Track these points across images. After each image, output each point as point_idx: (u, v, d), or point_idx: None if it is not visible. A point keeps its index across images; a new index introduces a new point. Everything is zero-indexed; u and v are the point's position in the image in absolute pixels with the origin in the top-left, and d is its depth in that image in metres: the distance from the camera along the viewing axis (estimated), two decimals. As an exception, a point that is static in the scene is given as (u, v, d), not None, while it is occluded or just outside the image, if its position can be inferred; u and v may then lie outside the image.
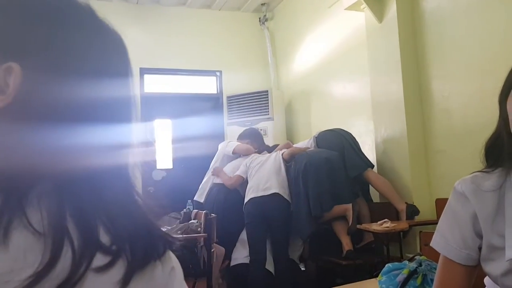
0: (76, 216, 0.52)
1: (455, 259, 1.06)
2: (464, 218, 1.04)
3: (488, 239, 1.01)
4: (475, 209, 1.02)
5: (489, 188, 1.01)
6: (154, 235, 0.61)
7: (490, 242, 1.00)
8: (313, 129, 4.94)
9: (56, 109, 0.54)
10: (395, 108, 3.50)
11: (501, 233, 0.98)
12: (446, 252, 1.08)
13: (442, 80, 3.27)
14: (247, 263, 3.67)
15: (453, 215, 1.08)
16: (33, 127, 0.52)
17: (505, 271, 0.96)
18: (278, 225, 3.64)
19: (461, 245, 1.05)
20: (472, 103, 2.97)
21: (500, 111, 1.02)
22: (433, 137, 3.36)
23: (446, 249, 1.08)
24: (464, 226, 1.05)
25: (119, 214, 0.56)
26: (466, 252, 1.04)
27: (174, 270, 0.64)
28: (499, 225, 0.98)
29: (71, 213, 0.52)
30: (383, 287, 1.82)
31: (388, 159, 3.66)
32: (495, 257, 0.99)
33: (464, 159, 2.94)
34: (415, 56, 3.48)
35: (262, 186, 3.71)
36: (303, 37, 5.27)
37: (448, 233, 1.08)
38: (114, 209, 0.56)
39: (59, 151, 0.53)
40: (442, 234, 1.10)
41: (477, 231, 1.03)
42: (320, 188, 3.53)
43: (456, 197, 1.07)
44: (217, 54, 5.82)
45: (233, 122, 5.48)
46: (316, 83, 4.99)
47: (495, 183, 1.00)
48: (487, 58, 2.84)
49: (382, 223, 3.09)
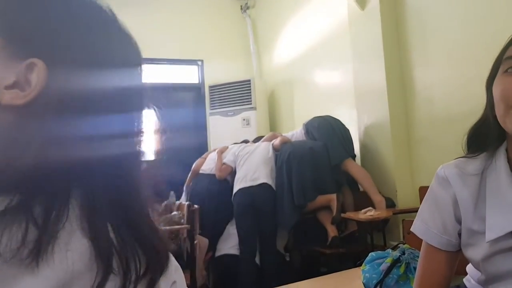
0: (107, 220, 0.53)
1: (435, 245, 1.06)
2: (444, 203, 1.05)
3: (468, 224, 1.00)
4: (456, 193, 1.02)
5: (472, 172, 1.01)
6: (159, 249, 0.59)
7: (471, 227, 1.00)
8: (296, 118, 4.92)
9: (84, 103, 0.53)
10: (378, 96, 3.49)
11: (482, 217, 0.97)
12: (427, 238, 1.08)
13: (425, 68, 3.26)
14: (232, 253, 3.65)
15: (434, 200, 1.08)
16: (62, 122, 0.51)
17: (486, 255, 0.96)
18: (266, 215, 3.61)
19: (441, 230, 1.05)
20: (454, 91, 2.98)
21: (487, 96, 1.00)
22: (416, 125, 3.36)
23: (426, 235, 1.08)
24: (444, 211, 1.05)
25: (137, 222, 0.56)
26: (446, 238, 1.05)
27: (175, 285, 0.62)
28: (481, 209, 0.98)
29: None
30: (366, 276, 1.82)
31: (371, 147, 3.66)
32: (476, 241, 0.99)
33: (446, 147, 2.93)
34: (398, 44, 3.47)
35: (251, 176, 3.67)
36: (285, 25, 5.23)
37: (428, 218, 1.08)
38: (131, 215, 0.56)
39: (88, 146, 0.53)
40: (422, 219, 1.10)
41: (457, 216, 1.03)
42: (303, 178, 3.51)
43: (438, 182, 1.07)
44: (198, 43, 5.75)
45: (216, 112, 5.43)
46: (299, 72, 4.96)
47: (478, 167, 1.00)
48: (469, 46, 2.84)
49: (366, 211, 3.10)
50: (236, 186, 3.72)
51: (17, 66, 0.50)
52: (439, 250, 1.06)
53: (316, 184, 3.53)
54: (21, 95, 0.50)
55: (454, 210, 1.03)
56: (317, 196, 3.50)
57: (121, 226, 0.54)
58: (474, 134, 1.04)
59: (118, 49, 0.60)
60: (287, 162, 3.60)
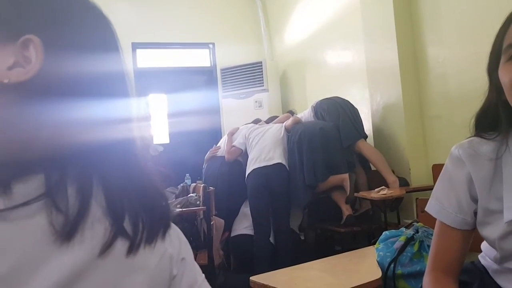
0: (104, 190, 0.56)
1: (450, 224, 1.07)
2: (459, 182, 1.05)
3: (484, 203, 1.01)
4: (471, 173, 1.02)
5: (486, 153, 1.01)
6: (159, 210, 0.63)
7: (487, 206, 1.01)
8: (308, 99, 4.92)
9: (74, 84, 0.55)
10: (390, 75, 3.47)
11: (498, 196, 0.98)
12: (441, 217, 1.09)
13: (437, 46, 3.23)
14: (246, 233, 3.71)
15: (449, 179, 1.08)
16: (56, 102, 0.53)
17: (503, 234, 0.97)
18: (281, 195, 3.63)
19: (456, 209, 1.06)
20: (467, 68, 2.95)
21: (490, 81, 1.01)
22: (429, 103, 3.35)
23: (441, 214, 1.09)
24: (459, 190, 1.05)
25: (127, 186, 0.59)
26: (461, 217, 1.05)
27: (184, 261, 0.65)
28: (497, 189, 0.99)
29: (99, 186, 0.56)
30: (380, 254, 1.85)
31: (384, 126, 3.65)
32: (492, 220, 1.00)
33: (460, 124, 2.91)
34: (410, 22, 3.43)
35: (265, 156, 3.69)
36: (296, 5, 5.19)
37: (443, 197, 1.09)
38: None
39: (78, 126, 0.55)
40: (437, 199, 1.10)
41: (472, 196, 1.04)
42: (314, 157, 3.53)
43: (452, 161, 1.07)
44: (210, 26, 5.74)
45: (228, 95, 5.45)
46: (310, 53, 4.93)
47: (493, 149, 1.00)
48: (481, 23, 2.81)
49: (379, 191, 3.12)
50: (249, 167, 3.74)
51: (12, 47, 0.52)
52: (454, 228, 1.06)
53: (328, 164, 3.54)
54: (24, 72, 0.51)
55: (469, 189, 1.03)
56: (329, 176, 3.53)
57: (132, 195, 0.58)
58: (481, 117, 1.04)
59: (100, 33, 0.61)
60: (298, 143, 3.62)
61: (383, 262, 1.81)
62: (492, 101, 1.00)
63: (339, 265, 1.96)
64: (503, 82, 0.93)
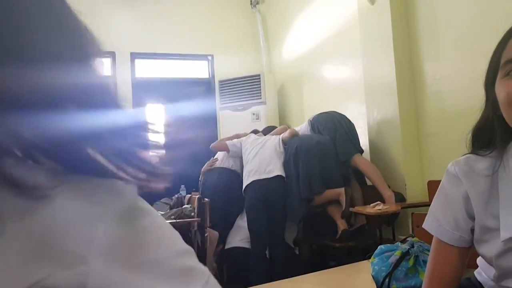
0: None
1: (447, 241, 1.07)
2: (456, 200, 1.05)
3: (481, 221, 1.01)
4: (468, 190, 1.03)
5: (482, 170, 1.01)
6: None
7: (483, 224, 1.00)
8: (306, 113, 4.93)
9: (20, 97, 0.48)
10: (387, 90, 3.49)
11: (495, 214, 0.98)
12: (439, 234, 1.09)
13: (434, 62, 3.26)
14: (241, 246, 3.68)
15: (445, 197, 1.08)
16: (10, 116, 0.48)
17: (500, 252, 0.96)
18: (278, 208, 3.62)
19: (453, 227, 1.06)
20: (464, 85, 2.97)
21: (486, 96, 1.02)
22: (426, 120, 3.36)
23: (438, 231, 1.09)
24: (456, 207, 1.05)
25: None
26: (458, 234, 1.05)
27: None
28: (493, 206, 0.98)
29: None
30: (375, 268, 1.84)
31: (380, 141, 3.66)
32: (489, 238, 1.00)
33: (456, 141, 2.91)
34: (408, 38, 3.46)
35: (264, 168, 3.67)
36: (295, 19, 5.23)
37: (440, 215, 1.09)
38: None
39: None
40: (434, 216, 1.11)
41: (469, 213, 1.04)
42: (310, 171, 3.52)
43: (448, 179, 1.08)
44: (209, 38, 5.77)
45: (226, 107, 5.46)
46: (309, 66, 4.96)
47: (488, 166, 1.00)
48: (480, 40, 2.83)
49: (375, 206, 3.11)
50: (248, 179, 3.71)
51: None
52: (451, 246, 1.06)
53: (324, 177, 3.53)
54: None
55: (466, 207, 1.04)
56: (325, 190, 3.52)
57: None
58: (478, 132, 1.05)
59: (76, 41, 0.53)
60: (294, 155, 3.62)
61: (378, 276, 1.80)
62: (489, 116, 1.01)
63: (334, 279, 1.94)
64: (499, 97, 0.94)
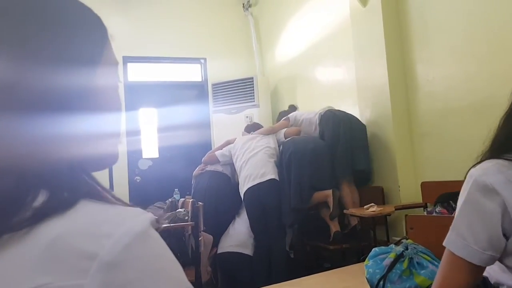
0: None
1: (477, 262, 0.98)
2: (492, 215, 0.96)
3: None
4: (506, 201, 0.94)
5: None
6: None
7: None
8: (299, 115, 4.92)
9: (42, 98, 0.51)
10: (380, 92, 3.50)
11: None
12: (465, 254, 0.98)
13: (426, 64, 3.27)
14: (232, 251, 3.66)
15: (477, 212, 0.98)
16: (20, 117, 0.49)
17: None
18: (274, 210, 3.61)
19: (485, 246, 0.96)
20: (456, 86, 2.98)
21: None
22: (418, 121, 3.37)
23: (465, 251, 0.98)
24: (491, 223, 0.96)
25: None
26: (489, 254, 0.97)
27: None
28: None
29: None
30: (369, 271, 1.83)
31: (373, 143, 3.66)
32: None
33: (449, 142, 2.95)
34: (400, 40, 3.47)
35: (257, 173, 3.66)
36: (288, 22, 5.23)
37: (467, 232, 0.98)
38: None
39: (47, 141, 0.51)
40: (458, 233, 1.00)
41: (504, 228, 0.96)
42: (301, 180, 3.52)
43: (481, 192, 0.97)
44: (201, 41, 5.76)
45: (219, 110, 5.45)
46: (301, 69, 4.97)
47: None
48: (470, 42, 2.85)
49: (369, 207, 3.11)
50: (244, 186, 3.69)
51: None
52: (470, 263, 0.98)
53: (313, 182, 3.53)
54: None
55: (503, 221, 0.95)
56: (313, 193, 3.52)
57: None
58: (506, 139, 0.99)
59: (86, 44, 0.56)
60: (287, 163, 3.61)
61: (372, 279, 1.79)
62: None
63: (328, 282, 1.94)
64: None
